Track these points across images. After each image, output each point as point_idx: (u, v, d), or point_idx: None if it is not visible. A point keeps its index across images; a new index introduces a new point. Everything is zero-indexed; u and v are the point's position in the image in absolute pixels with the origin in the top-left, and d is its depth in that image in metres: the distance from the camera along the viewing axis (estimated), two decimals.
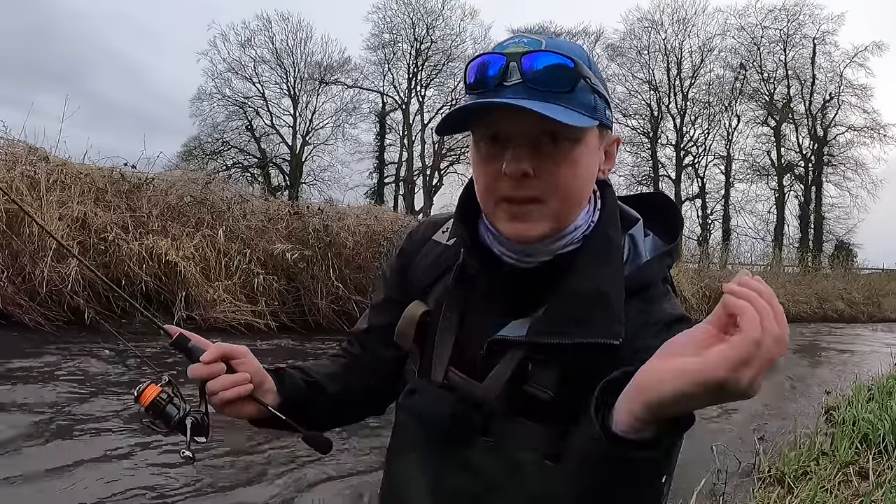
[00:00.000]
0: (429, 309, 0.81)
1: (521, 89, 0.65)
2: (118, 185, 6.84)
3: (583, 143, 0.69)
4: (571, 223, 0.72)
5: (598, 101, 0.70)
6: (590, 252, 0.72)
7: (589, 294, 0.69)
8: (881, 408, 3.74)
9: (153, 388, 0.77)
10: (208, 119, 27.72)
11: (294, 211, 8.14)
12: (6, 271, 5.27)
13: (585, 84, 0.68)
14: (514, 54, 0.66)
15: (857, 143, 27.78)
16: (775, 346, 0.47)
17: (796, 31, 28.03)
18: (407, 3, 28.53)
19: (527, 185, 0.67)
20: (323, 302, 7.24)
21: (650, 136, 29.18)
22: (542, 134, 0.66)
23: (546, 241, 0.71)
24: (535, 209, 0.68)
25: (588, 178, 0.71)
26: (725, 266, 16.24)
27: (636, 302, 0.71)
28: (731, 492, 2.88)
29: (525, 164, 0.66)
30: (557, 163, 0.67)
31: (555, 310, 0.70)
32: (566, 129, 0.66)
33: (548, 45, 0.67)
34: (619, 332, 0.67)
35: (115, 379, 4.09)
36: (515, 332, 0.71)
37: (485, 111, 0.67)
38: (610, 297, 0.68)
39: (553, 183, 0.67)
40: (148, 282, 6.06)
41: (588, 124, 0.68)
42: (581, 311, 0.68)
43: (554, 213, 0.69)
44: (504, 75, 0.66)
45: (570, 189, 0.69)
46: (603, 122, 0.71)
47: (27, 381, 3.79)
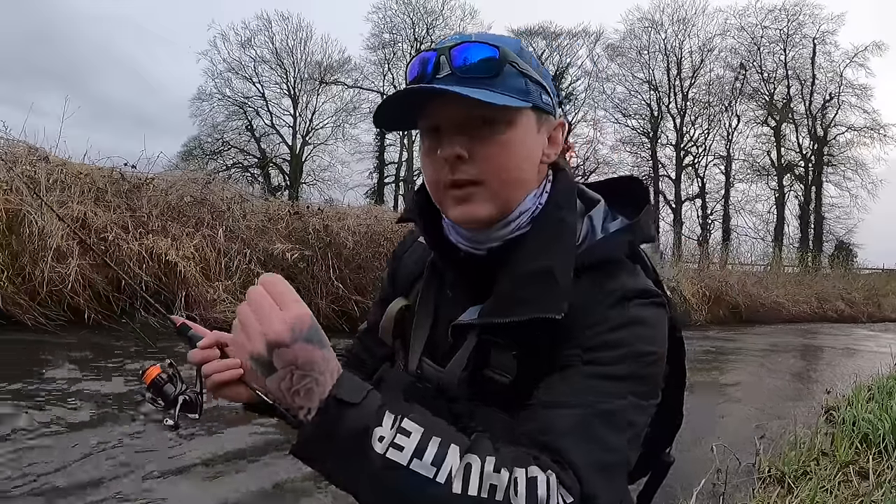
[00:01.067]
0: (408, 304, 0.85)
1: (452, 80, 0.68)
2: (118, 185, 6.84)
3: (515, 126, 0.70)
4: (516, 206, 0.73)
5: (531, 85, 0.72)
6: (537, 234, 0.73)
7: (534, 273, 0.70)
8: (881, 408, 3.74)
9: (155, 368, 0.86)
10: (208, 119, 27.77)
11: (294, 211, 8.14)
12: (6, 271, 5.27)
13: (513, 69, 0.70)
14: (444, 48, 0.70)
15: (857, 143, 27.82)
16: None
17: (796, 31, 28.05)
18: (407, 3, 28.56)
19: (463, 168, 0.70)
20: (323, 302, 7.24)
21: (650, 136, 29.17)
22: (475, 119, 0.69)
23: (495, 227, 0.73)
24: (476, 191, 0.70)
25: (526, 159, 0.73)
26: (725, 266, 16.22)
27: (589, 278, 0.71)
28: (731, 491, 2.88)
29: (458, 147, 0.69)
30: (490, 144, 0.69)
31: (502, 291, 0.71)
32: (497, 113, 0.68)
33: (477, 37, 0.70)
34: (561, 307, 0.67)
35: (115, 378, 4.09)
36: (470, 317, 0.73)
37: (421, 105, 0.71)
38: (554, 273, 0.69)
39: (488, 164, 0.70)
40: (148, 282, 6.07)
41: (515, 104, 0.69)
42: (526, 289, 0.69)
43: (495, 194, 0.71)
44: (437, 68, 0.70)
45: (506, 169, 0.71)
46: (538, 106, 0.72)
47: (27, 380, 3.79)
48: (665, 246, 21.49)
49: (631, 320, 0.68)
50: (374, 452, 0.54)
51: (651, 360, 0.69)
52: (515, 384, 0.70)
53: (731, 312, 13.16)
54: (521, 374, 0.70)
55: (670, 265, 13.62)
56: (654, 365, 0.69)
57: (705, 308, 12.34)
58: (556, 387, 0.66)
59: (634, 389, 0.66)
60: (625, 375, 0.66)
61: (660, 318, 0.72)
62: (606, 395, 0.65)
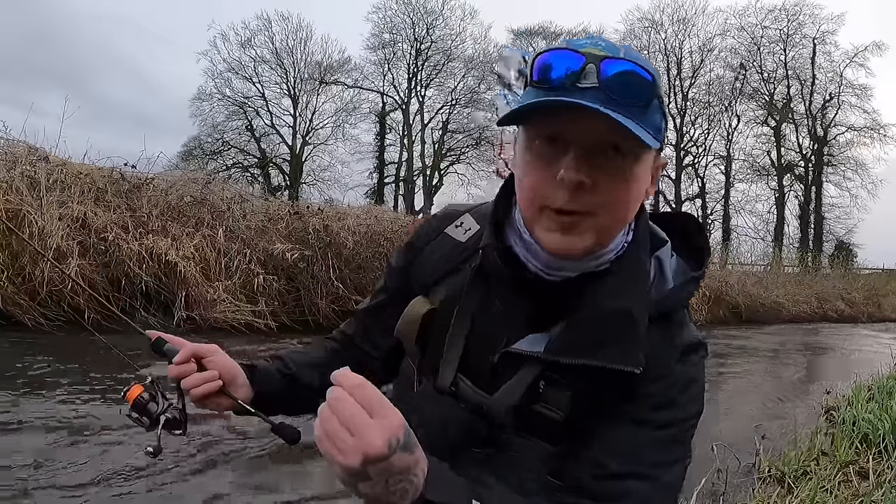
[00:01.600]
0: (433, 307, 0.79)
1: (599, 95, 0.60)
2: (118, 185, 6.84)
3: (641, 162, 0.65)
4: (612, 242, 0.69)
5: (662, 122, 0.67)
6: (620, 274, 0.69)
7: (614, 312, 0.67)
8: (881, 408, 3.74)
9: (137, 387, 0.85)
10: (208, 119, 27.79)
11: (294, 211, 8.14)
12: (6, 271, 5.27)
13: (657, 103, 0.64)
14: (593, 55, 0.62)
15: (857, 143, 27.84)
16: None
17: (796, 31, 28.06)
18: (407, 3, 28.57)
19: (581, 197, 0.63)
20: (323, 302, 7.24)
21: None
22: (605, 145, 0.62)
23: (585, 258, 0.68)
24: (584, 222, 0.64)
25: (639, 198, 0.68)
26: (725, 266, 16.22)
27: (661, 327, 0.71)
28: (731, 491, 2.88)
29: (584, 174, 0.62)
30: (616, 178, 0.63)
31: (576, 329, 0.68)
32: (631, 146, 0.62)
33: (626, 53, 0.63)
34: (641, 360, 0.66)
35: (115, 379, 4.09)
36: (532, 347, 0.69)
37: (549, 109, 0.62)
38: (635, 322, 0.67)
39: (607, 198, 0.64)
40: (148, 282, 6.07)
41: (654, 145, 0.64)
42: (604, 333, 0.66)
43: (602, 229, 0.66)
44: (580, 76, 0.61)
45: (622, 207, 0.66)
46: (661, 146, 0.68)
47: (26, 381, 3.79)
48: None
49: (695, 378, 0.71)
50: None
51: (699, 416, 0.72)
52: (566, 421, 0.68)
53: (731, 312, 13.15)
54: (574, 412, 0.68)
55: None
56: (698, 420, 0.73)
57: (705, 308, 12.32)
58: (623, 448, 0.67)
59: (688, 451, 0.71)
60: (681, 439, 0.69)
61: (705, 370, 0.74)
62: (666, 463, 0.67)
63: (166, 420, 0.83)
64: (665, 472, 0.67)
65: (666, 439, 0.68)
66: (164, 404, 0.84)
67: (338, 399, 0.52)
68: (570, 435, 0.68)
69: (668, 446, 0.68)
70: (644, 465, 0.66)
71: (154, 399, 0.85)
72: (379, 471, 0.51)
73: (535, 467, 0.70)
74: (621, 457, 0.66)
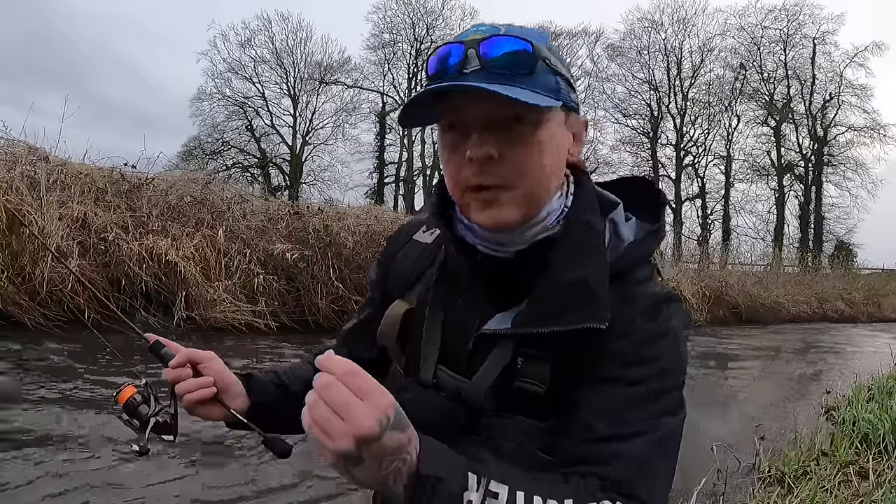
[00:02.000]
0: (411, 307, 0.81)
1: (482, 75, 0.65)
2: (118, 185, 6.84)
3: (546, 125, 0.68)
4: (543, 208, 0.71)
5: (561, 82, 0.69)
6: (570, 239, 0.71)
7: (572, 282, 0.68)
8: (881, 408, 3.74)
9: (130, 388, 0.85)
10: (208, 119, 27.80)
11: (294, 211, 8.14)
12: (6, 271, 5.27)
13: (545, 66, 0.67)
14: (472, 41, 0.66)
15: (857, 143, 27.82)
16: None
17: (796, 31, 28.05)
18: (407, 3, 28.57)
19: (492, 170, 0.66)
20: (323, 302, 7.24)
21: (650, 136, 29.17)
22: (505, 117, 0.66)
23: (520, 229, 0.71)
24: (503, 194, 0.68)
25: (555, 160, 0.70)
26: (725, 266, 16.22)
27: (620, 286, 0.71)
28: (731, 492, 2.88)
29: (489, 147, 0.65)
30: (522, 144, 0.66)
31: (539, 299, 0.69)
32: (529, 112, 0.65)
33: (506, 30, 0.67)
34: (605, 316, 0.66)
35: (115, 379, 4.09)
36: (501, 325, 0.71)
37: (445, 99, 0.67)
38: (594, 283, 0.68)
39: (519, 166, 0.67)
40: (148, 282, 6.07)
41: (550, 104, 0.66)
42: (566, 299, 0.68)
43: (524, 197, 0.68)
44: (464, 63, 0.66)
45: (537, 171, 0.68)
46: (567, 104, 0.70)
47: (26, 380, 3.79)
48: (665, 246, 21.47)
49: (665, 332, 0.70)
50: None
51: (683, 369, 0.71)
52: (548, 394, 0.69)
53: (731, 312, 13.16)
54: (554, 382, 0.69)
55: (670, 265, 13.62)
56: (685, 374, 0.71)
57: (705, 308, 12.33)
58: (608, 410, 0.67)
59: (677, 403, 0.69)
60: (662, 395, 0.68)
61: (683, 323, 0.73)
62: (656, 417, 0.67)
63: (157, 423, 0.83)
64: (652, 429, 0.66)
65: (643, 396, 0.67)
66: (156, 407, 0.84)
67: (327, 385, 0.52)
68: (556, 408, 0.69)
69: (648, 403, 0.67)
70: (632, 424, 0.66)
71: (146, 401, 0.84)
72: (372, 452, 0.52)
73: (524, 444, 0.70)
74: (607, 417, 0.66)
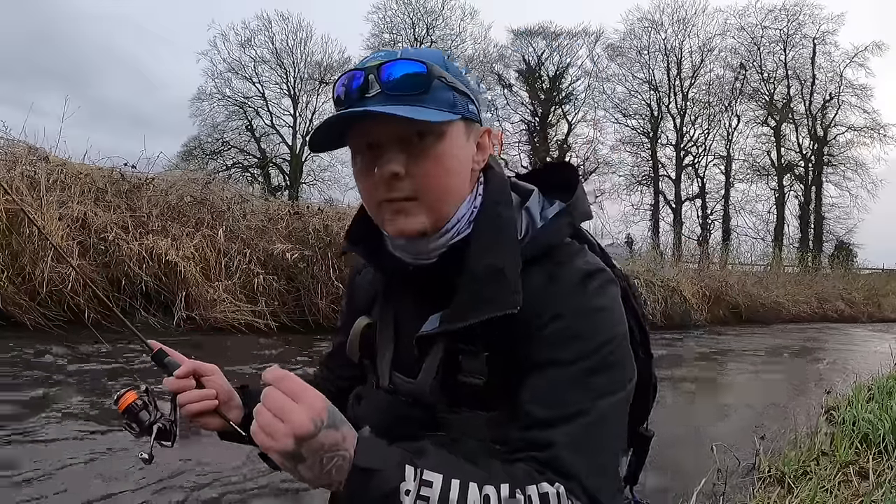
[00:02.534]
0: (370, 322, 0.87)
1: (382, 98, 0.70)
2: (118, 185, 6.84)
3: (446, 138, 0.72)
4: (452, 216, 0.75)
5: (457, 97, 0.73)
6: (479, 235, 0.75)
7: (483, 272, 0.71)
8: (881, 408, 3.74)
9: (131, 394, 0.86)
10: (208, 119, 27.76)
11: (294, 211, 8.15)
12: (6, 271, 5.27)
13: (441, 83, 0.72)
14: (371, 67, 0.71)
15: (857, 143, 27.80)
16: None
17: (796, 31, 28.04)
18: (407, 3, 28.56)
19: (399, 185, 0.71)
20: (323, 302, 7.24)
21: (650, 136, 29.15)
22: (408, 135, 0.70)
23: (432, 237, 0.75)
24: (411, 205, 0.72)
25: (459, 170, 0.75)
26: (725, 266, 16.22)
27: (541, 267, 0.73)
28: (731, 492, 2.88)
29: (395, 164, 0.70)
30: (425, 158, 0.71)
31: (459, 297, 0.73)
32: (430, 127, 0.70)
33: (403, 53, 0.72)
34: (515, 300, 0.69)
35: (114, 380, 4.09)
36: (432, 326, 0.75)
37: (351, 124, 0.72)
38: (503, 269, 0.71)
39: (422, 180, 0.71)
40: (148, 282, 6.07)
41: (445, 118, 0.71)
42: (479, 290, 0.71)
43: (429, 207, 0.73)
44: (366, 87, 0.71)
45: (441, 182, 0.72)
46: (466, 116, 0.74)
47: (25, 381, 3.79)
48: (665, 246, 21.50)
49: (595, 307, 0.71)
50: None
51: (619, 342, 0.72)
52: (489, 383, 0.72)
53: (731, 312, 13.15)
54: (493, 372, 0.72)
55: (670, 265, 13.62)
56: (623, 346, 0.72)
57: (705, 308, 12.33)
58: (543, 394, 0.68)
59: (615, 378, 0.70)
60: (600, 369, 0.69)
61: (615, 296, 0.74)
62: (594, 395, 0.68)
63: (158, 430, 0.85)
64: (592, 406, 0.67)
65: (581, 373, 0.68)
66: (157, 414, 0.86)
67: (266, 393, 0.59)
68: (500, 398, 0.71)
69: (586, 379, 0.68)
70: (567, 406, 0.67)
71: (146, 408, 0.86)
72: (311, 449, 0.57)
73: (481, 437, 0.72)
74: (542, 402, 0.68)
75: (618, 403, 0.70)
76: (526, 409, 0.69)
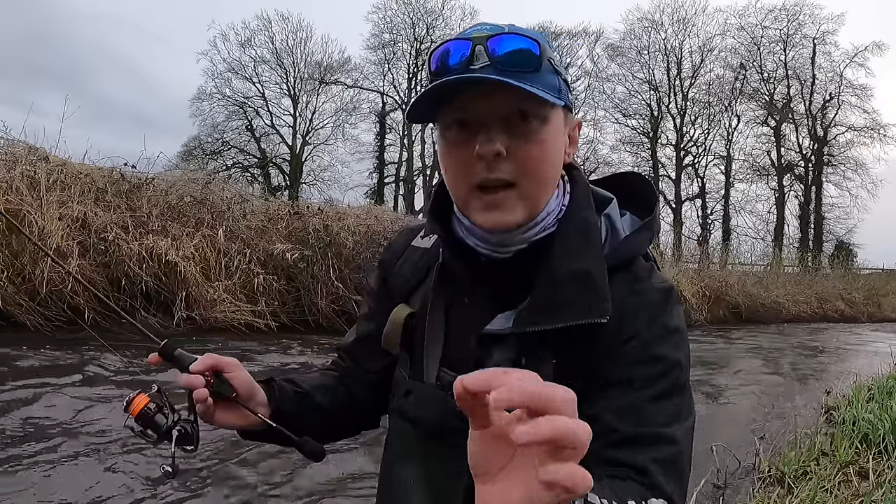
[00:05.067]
0: (413, 311, 0.81)
1: (490, 71, 0.64)
2: (118, 185, 6.84)
3: (550, 123, 0.69)
4: (543, 208, 0.71)
5: (561, 83, 0.70)
6: (566, 235, 0.71)
7: (570, 277, 0.68)
8: (881, 408, 3.74)
9: (142, 397, 0.76)
10: (208, 119, 27.79)
11: (294, 211, 8.14)
12: (6, 271, 5.27)
13: (549, 65, 0.68)
14: (479, 38, 0.66)
15: (857, 143, 27.80)
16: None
17: (796, 31, 28.04)
18: (407, 3, 28.57)
19: (499, 166, 0.66)
20: (323, 302, 7.24)
21: (650, 136, 29.16)
22: (511, 114, 0.66)
23: (521, 230, 0.70)
24: (508, 195, 0.68)
25: (556, 158, 0.71)
26: (725, 266, 16.21)
27: (622, 278, 0.71)
28: (731, 492, 2.88)
29: (499, 143, 0.65)
30: (529, 141, 0.67)
31: (538, 297, 0.69)
32: (535, 108, 0.66)
33: (510, 29, 0.68)
34: (606, 309, 0.66)
35: (114, 380, 4.09)
36: (502, 326, 0.71)
37: (450, 96, 0.67)
38: (592, 276, 0.67)
39: (525, 163, 0.67)
40: (148, 282, 6.07)
41: (556, 102, 0.68)
42: (564, 293, 0.67)
43: (527, 197, 0.68)
44: (471, 59, 0.65)
45: (541, 169, 0.69)
46: (567, 104, 0.72)
47: (26, 381, 3.79)
48: (665, 246, 21.47)
49: (675, 328, 0.70)
50: None
51: (688, 363, 0.71)
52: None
53: (731, 312, 13.15)
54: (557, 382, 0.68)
55: (670, 265, 13.62)
56: (689, 366, 0.72)
57: (705, 308, 12.33)
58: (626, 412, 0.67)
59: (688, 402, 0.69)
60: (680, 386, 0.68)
61: (682, 315, 0.73)
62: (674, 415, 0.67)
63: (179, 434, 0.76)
64: (674, 428, 0.66)
65: (660, 394, 0.67)
66: (173, 416, 0.77)
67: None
68: None
69: (665, 401, 0.67)
70: (651, 426, 0.65)
71: (161, 410, 0.76)
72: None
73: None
74: (628, 420, 0.65)
75: (691, 428, 0.69)
76: (612, 426, 0.66)
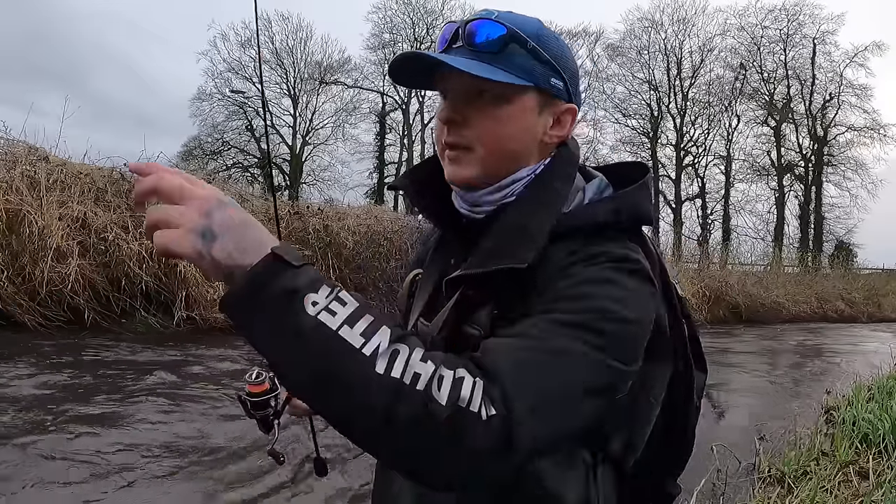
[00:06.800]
0: (418, 272, 0.89)
1: (463, 51, 0.73)
2: (118, 185, 6.84)
3: (512, 102, 0.73)
4: (508, 175, 0.76)
5: (537, 66, 0.74)
6: (526, 197, 0.75)
7: (508, 229, 0.72)
8: (881, 408, 3.74)
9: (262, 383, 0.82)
10: (208, 119, 27.75)
11: (294, 211, 8.14)
12: (6, 271, 5.27)
13: (521, 49, 0.73)
14: (465, 21, 0.75)
15: (857, 143, 27.77)
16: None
17: (796, 31, 28.02)
18: (407, 3, 28.55)
19: (457, 131, 0.74)
20: None
21: (650, 136, 29.15)
22: (471, 90, 0.73)
23: (485, 190, 0.76)
24: (464, 155, 0.75)
25: (521, 136, 0.75)
26: (725, 266, 16.21)
27: (569, 244, 0.68)
28: (731, 492, 2.88)
29: (451, 112, 0.74)
30: (483, 114, 0.73)
31: (481, 248, 0.73)
32: (493, 87, 0.72)
33: (499, 16, 0.74)
34: (525, 258, 0.66)
35: (114, 380, 4.09)
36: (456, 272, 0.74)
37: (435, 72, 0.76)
38: (528, 228, 0.70)
39: (477, 132, 0.74)
40: (148, 282, 6.07)
41: (509, 80, 0.72)
42: (497, 244, 0.71)
43: (481, 161, 0.74)
44: (454, 39, 0.75)
45: (496, 141, 0.74)
46: (541, 86, 0.74)
47: (25, 381, 3.79)
48: (665, 246, 21.48)
49: (600, 278, 0.65)
50: (305, 314, 0.52)
51: (616, 317, 0.63)
52: (485, 338, 0.65)
53: (731, 312, 13.15)
54: (493, 328, 0.68)
55: (670, 265, 13.60)
56: (621, 325, 0.63)
57: (705, 308, 12.33)
58: (507, 328, 0.64)
59: (590, 339, 0.60)
60: (580, 323, 0.61)
61: (639, 288, 0.67)
62: (556, 335, 0.60)
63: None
64: (550, 338, 0.60)
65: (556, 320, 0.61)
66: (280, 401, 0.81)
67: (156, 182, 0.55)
68: None
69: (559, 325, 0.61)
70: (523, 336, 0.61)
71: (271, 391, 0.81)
72: (222, 222, 0.53)
73: None
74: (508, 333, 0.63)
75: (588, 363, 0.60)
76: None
